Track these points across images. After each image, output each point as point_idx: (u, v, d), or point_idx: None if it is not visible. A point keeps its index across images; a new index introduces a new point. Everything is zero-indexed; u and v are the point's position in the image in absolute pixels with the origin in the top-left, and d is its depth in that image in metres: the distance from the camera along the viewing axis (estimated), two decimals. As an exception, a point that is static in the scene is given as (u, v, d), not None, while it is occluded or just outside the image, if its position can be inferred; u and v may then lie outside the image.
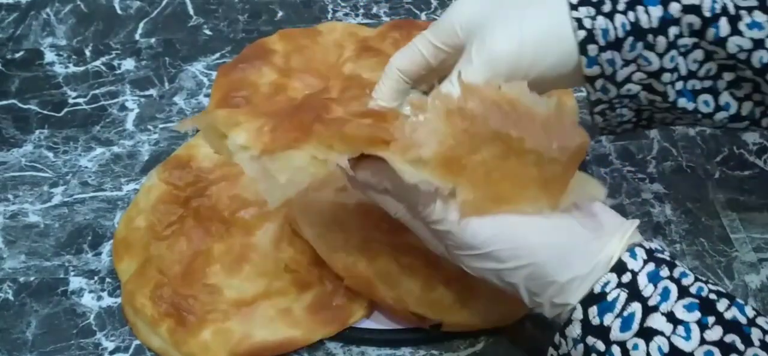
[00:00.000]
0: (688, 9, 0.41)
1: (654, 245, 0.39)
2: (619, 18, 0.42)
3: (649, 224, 0.56)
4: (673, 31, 0.42)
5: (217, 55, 0.73)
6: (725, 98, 0.44)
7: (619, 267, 0.37)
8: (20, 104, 0.68)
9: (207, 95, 0.68)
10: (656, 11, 0.42)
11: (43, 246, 0.56)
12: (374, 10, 0.78)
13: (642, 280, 0.37)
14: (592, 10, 0.42)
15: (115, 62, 0.72)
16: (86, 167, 0.62)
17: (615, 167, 0.60)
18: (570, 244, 0.38)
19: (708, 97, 0.44)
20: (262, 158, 0.40)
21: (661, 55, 0.42)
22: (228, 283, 0.50)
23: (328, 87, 0.48)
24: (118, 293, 0.52)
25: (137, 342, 0.50)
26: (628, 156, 0.61)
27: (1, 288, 0.53)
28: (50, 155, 0.63)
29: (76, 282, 0.54)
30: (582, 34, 0.42)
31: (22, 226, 0.58)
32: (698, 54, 0.43)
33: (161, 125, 0.65)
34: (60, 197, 0.60)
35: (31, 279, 0.54)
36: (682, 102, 0.44)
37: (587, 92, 0.45)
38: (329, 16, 0.77)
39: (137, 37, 0.75)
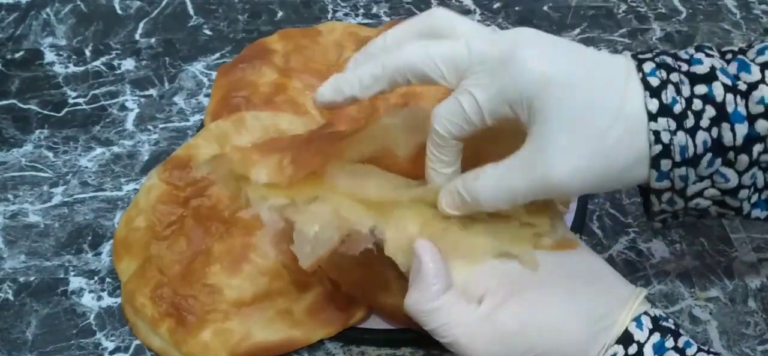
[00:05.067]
0: None
1: (658, 311, 0.39)
2: (700, 135, 0.37)
3: (649, 224, 0.55)
4: (757, 148, 0.37)
5: (217, 55, 0.73)
6: None
7: (626, 339, 0.37)
8: (20, 104, 0.68)
9: (207, 95, 0.68)
10: (742, 129, 0.37)
11: (43, 246, 0.56)
12: (374, 10, 0.78)
13: (648, 352, 0.37)
14: (672, 124, 0.37)
15: (115, 62, 0.72)
16: (86, 167, 0.62)
17: (615, 167, 0.60)
18: (580, 332, 0.38)
19: None
20: (285, 208, 0.39)
21: (740, 174, 0.38)
22: (228, 283, 0.50)
23: (333, 122, 0.47)
24: (118, 293, 0.52)
25: (137, 342, 0.50)
26: (628, 156, 0.61)
27: (1, 288, 0.53)
28: (50, 155, 0.63)
29: (76, 282, 0.54)
30: (657, 148, 0.37)
31: (22, 226, 0.58)
32: None
33: (161, 125, 0.65)
34: (60, 197, 0.60)
35: (31, 279, 0.54)
36: (756, 212, 0.40)
37: (650, 201, 0.41)
38: (329, 16, 0.77)
39: (137, 37, 0.75)
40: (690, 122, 0.37)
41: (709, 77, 0.37)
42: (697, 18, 0.75)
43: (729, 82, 0.37)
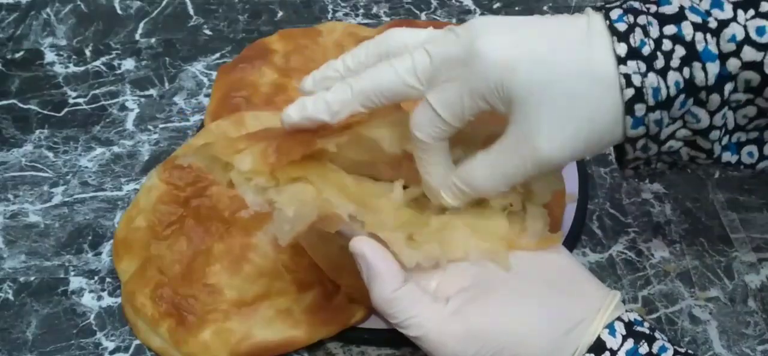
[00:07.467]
0: (748, 65, 0.36)
1: (634, 315, 0.39)
2: (672, 75, 0.36)
3: (649, 224, 0.56)
4: (728, 87, 0.37)
5: (217, 55, 0.73)
6: None
7: (598, 347, 0.37)
8: (20, 104, 0.68)
9: (207, 95, 0.68)
10: (713, 68, 0.36)
11: (43, 246, 0.56)
12: (374, 10, 0.78)
13: None
14: (642, 66, 0.36)
15: (115, 62, 0.72)
16: (86, 167, 0.62)
17: (615, 167, 0.60)
18: (551, 337, 0.37)
19: (752, 148, 0.40)
20: (267, 190, 0.40)
21: (712, 113, 0.38)
22: (228, 283, 0.50)
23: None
24: (118, 293, 0.52)
25: (137, 342, 0.50)
26: (628, 156, 0.61)
27: (1, 288, 0.53)
28: (50, 155, 0.63)
29: (76, 281, 0.54)
30: (630, 92, 0.36)
31: (22, 226, 0.58)
32: (750, 110, 0.39)
33: (161, 125, 0.65)
34: (60, 197, 0.60)
35: (31, 278, 0.54)
36: (727, 156, 0.40)
37: (624, 150, 0.40)
38: (329, 16, 0.77)
39: (137, 37, 0.75)
40: (660, 62, 0.36)
41: (678, 17, 0.37)
42: (697, 18, 0.75)
43: (699, 19, 0.36)
